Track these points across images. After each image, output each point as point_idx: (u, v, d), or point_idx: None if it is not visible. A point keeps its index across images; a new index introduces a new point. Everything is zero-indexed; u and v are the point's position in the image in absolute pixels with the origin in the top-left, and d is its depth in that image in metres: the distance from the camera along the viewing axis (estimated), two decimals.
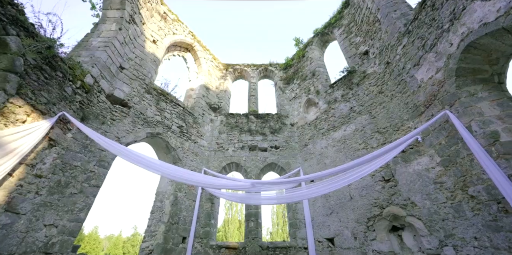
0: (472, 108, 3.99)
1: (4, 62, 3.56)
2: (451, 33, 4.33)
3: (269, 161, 8.45)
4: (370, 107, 6.67)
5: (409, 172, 5.16)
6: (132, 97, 6.64)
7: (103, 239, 34.15)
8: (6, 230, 3.49)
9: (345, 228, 5.97)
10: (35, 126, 3.91)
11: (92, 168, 5.05)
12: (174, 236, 6.21)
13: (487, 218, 3.69)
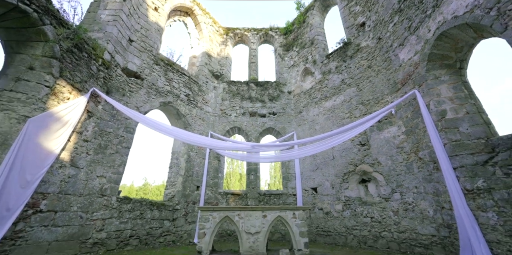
0: (433, 89, 4.85)
1: (45, 49, 4.25)
2: (431, 20, 4.84)
3: (267, 126, 9.60)
4: (358, 80, 7.42)
5: (380, 138, 6.33)
6: (143, 69, 7.30)
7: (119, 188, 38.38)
8: (74, 178, 4.81)
9: (326, 180, 7.51)
10: (77, 101, 4.84)
11: (122, 134, 6.18)
12: (190, 185, 7.81)
13: (426, 174, 5.01)
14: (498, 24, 3.49)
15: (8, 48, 4.10)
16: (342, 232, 6.55)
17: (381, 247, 5.58)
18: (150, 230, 6.18)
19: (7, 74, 3.96)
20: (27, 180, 3.78)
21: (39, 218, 4.09)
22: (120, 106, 5.57)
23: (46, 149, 4.12)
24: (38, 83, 4.12)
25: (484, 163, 3.89)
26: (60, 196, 4.50)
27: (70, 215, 4.64)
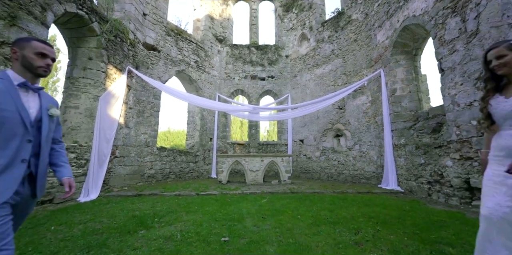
0: (392, 71, 6.33)
1: (95, 42, 5.56)
2: (401, 12, 5.88)
3: (266, 88, 11.16)
4: (345, 52, 8.59)
5: (353, 104, 8.10)
6: (158, 42, 8.39)
7: None
8: (128, 135, 6.87)
9: (310, 134, 9.68)
10: (121, 79, 6.41)
11: (152, 100, 7.92)
12: (205, 137, 10.04)
13: (377, 133, 7.05)
14: (433, 32, 4.80)
15: (71, 44, 5.43)
16: (317, 170, 9.14)
17: (341, 180, 8.18)
18: (181, 168, 8.73)
19: (76, 64, 5.45)
20: (107, 138, 5.80)
21: (116, 161, 6.35)
22: (147, 78, 7.11)
23: (112, 117, 5.99)
24: (97, 70, 5.64)
25: (409, 128, 5.84)
26: (124, 147, 6.66)
27: (131, 159, 6.93)
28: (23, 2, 3.72)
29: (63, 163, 1.36)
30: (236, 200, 4.58)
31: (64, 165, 1.36)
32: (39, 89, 1.26)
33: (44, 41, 1.29)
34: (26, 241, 2.36)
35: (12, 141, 1.11)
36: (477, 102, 3.88)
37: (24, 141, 1.15)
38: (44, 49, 1.24)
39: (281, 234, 2.63)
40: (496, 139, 1.36)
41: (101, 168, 5.57)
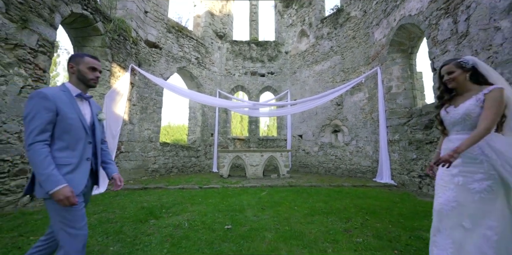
0: (388, 69, 6.51)
1: (100, 41, 5.73)
2: (397, 11, 6.01)
3: (266, 85, 11.33)
4: (344, 49, 8.73)
5: (351, 101, 8.31)
6: (160, 39, 8.51)
7: None
8: (133, 131, 7.11)
9: (309, 130, 9.92)
10: (124, 77, 6.59)
11: (154, 97, 8.12)
12: (206, 133, 10.28)
13: (373, 129, 7.28)
14: (427, 32, 4.96)
15: (77, 43, 5.60)
16: (316, 165, 9.43)
17: (338, 174, 8.47)
18: (183, 163, 9.01)
19: None
20: (113, 134, 6.04)
21: (122, 156, 6.61)
22: (149, 75, 7.29)
23: (117, 114, 6.21)
24: (102, 69, 5.82)
25: (403, 124, 6.07)
26: (129, 143, 6.91)
27: (135, 154, 7.19)
28: (33, 5, 3.88)
29: (110, 161, 1.61)
30: (237, 193, 4.86)
31: (112, 162, 1.61)
32: (90, 98, 1.49)
33: (93, 56, 1.51)
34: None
35: (78, 143, 1.35)
36: None
37: (86, 143, 1.39)
38: (94, 64, 1.47)
39: (278, 222, 2.90)
40: (446, 143, 1.60)
41: None
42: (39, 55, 4.01)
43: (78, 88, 1.43)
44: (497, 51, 3.50)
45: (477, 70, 1.54)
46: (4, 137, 3.46)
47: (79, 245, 1.24)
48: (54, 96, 1.29)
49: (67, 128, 1.30)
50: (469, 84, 1.54)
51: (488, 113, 1.39)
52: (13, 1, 3.57)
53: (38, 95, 1.26)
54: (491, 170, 1.38)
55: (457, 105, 1.55)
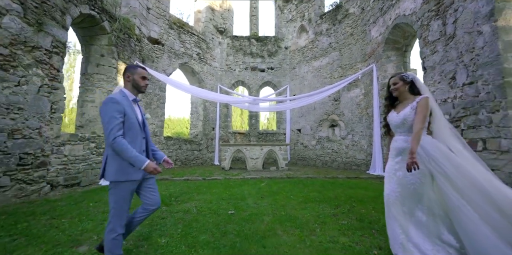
0: (383, 66, 6.77)
1: (107, 40, 5.97)
2: (393, 10, 6.21)
3: (265, 80, 11.57)
4: (342, 45, 8.93)
5: (347, 96, 8.60)
6: (162, 35, 8.71)
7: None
8: None
9: (307, 124, 10.25)
10: None
11: (158, 93, 8.41)
12: (207, 127, 10.62)
13: (368, 123, 7.62)
14: (419, 32, 5.20)
15: (84, 42, 5.85)
16: (313, 158, 9.82)
17: (334, 166, 8.87)
18: (186, 156, 9.40)
19: (90, 61, 5.90)
20: None
21: None
22: (153, 71, 7.55)
23: None
24: (109, 66, 6.10)
25: None
26: None
27: None
28: (47, 9, 4.13)
29: (157, 149, 1.96)
30: (239, 184, 5.25)
31: (158, 150, 1.95)
32: (139, 101, 1.84)
33: (143, 67, 1.86)
34: (76, 213, 3.01)
35: (137, 138, 1.68)
36: (450, 99, 4.41)
37: (141, 138, 1.73)
38: (145, 74, 1.82)
39: (275, 209, 3.29)
40: (392, 142, 1.97)
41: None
42: (53, 56, 4.30)
43: (133, 93, 1.78)
44: (478, 53, 3.79)
45: (414, 83, 1.91)
46: (27, 133, 3.80)
47: (122, 222, 1.61)
48: (121, 101, 1.63)
49: (130, 126, 1.64)
50: (408, 94, 1.92)
51: (419, 116, 1.76)
52: (30, 5, 3.82)
53: (111, 101, 1.60)
54: (422, 165, 1.72)
55: (399, 111, 1.91)
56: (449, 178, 1.66)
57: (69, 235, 2.30)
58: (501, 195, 1.55)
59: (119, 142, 1.53)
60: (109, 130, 1.54)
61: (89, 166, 5.30)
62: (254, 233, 2.39)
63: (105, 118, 1.57)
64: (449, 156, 1.70)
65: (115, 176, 1.58)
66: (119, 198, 1.60)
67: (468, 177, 1.62)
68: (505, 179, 3.37)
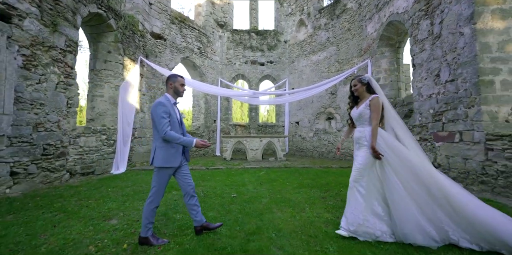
0: (378, 62, 7.08)
1: (113, 37, 6.25)
2: (387, 7, 6.45)
3: (265, 73, 11.84)
4: (339, 40, 9.17)
5: (343, 90, 8.93)
6: (164, 30, 8.92)
7: None
8: (143, 119, 7.82)
9: (305, 117, 10.63)
10: (135, 69, 7.18)
11: (161, 87, 8.73)
12: (209, 120, 11.01)
13: None
14: (410, 30, 5.50)
15: (92, 39, 6.13)
16: (310, 149, 10.28)
17: (330, 157, 9.33)
18: None
19: (98, 58, 6.21)
20: (128, 121, 6.77)
21: (136, 141, 7.40)
22: (156, 66, 7.85)
23: (130, 103, 6.89)
24: (116, 62, 6.41)
25: None
26: (141, 129, 7.67)
27: (147, 139, 7.98)
28: (60, 10, 4.43)
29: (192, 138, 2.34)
30: (240, 173, 5.71)
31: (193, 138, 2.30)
32: (177, 104, 2.24)
33: (182, 76, 2.25)
34: (99, 196, 3.47)
35: (177, 133, 2.07)
36: (434, 95, 4.78)
37: (179, 133, 2.12)
38: (183, 82, 2.24)
39: (272, 193, 3.74)
40: (355, 132, 2.38)
41: (125, 147, 6.62)
42: (67, 54, 4.63)
43: (174, 98, 2.20)
44: (460, 53, 4.13)
45: (370, 84, 2.28)
46: (48, 126, 4.21)
47: (160, 198, 2.11)
48: (166, 104, 2.06)
49: (172, 124, 2.06)
50: (365, 93, 2.31)
51: (374, 114, 2.17)
52: (45, 8, 4.12)
53: (160, 104, 2.03)
54: (368, 152, 2.16)
55: (358, 107, 2.31)
56: (389, 162, 2.08)
57: (99, 212, 2.76)
58: (431, 177, 1.98)
59: (169, 134, 1.97)
60: (161, 126, 1.96)
61: (102, 156, 5.74)
62: (253, 211, 2.84)
63: (156, 118, 2.01)
64: (391, 145, 2.11)
65: (161, 163, 2.02)
66: (161, 179, 2.05)
67: (404, 162, 2.04)
68: (476, 167, 3.82)
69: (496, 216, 1.80)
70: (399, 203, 1.97)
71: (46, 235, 2.11)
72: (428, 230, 1.87)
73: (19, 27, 3.68)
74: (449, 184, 1.98)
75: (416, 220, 1.89)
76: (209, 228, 2.20)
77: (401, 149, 2.09)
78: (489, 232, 1.73)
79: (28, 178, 3.85)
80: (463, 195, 1.93)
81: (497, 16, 3.78)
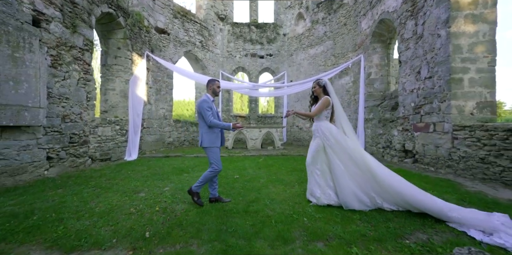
0: (370, 57, 7.54)
1: (122, 34, 6.69)
2: (380, 5, 6.84)
3: (264, 66, 12.26)
4: (336, 35, 9.55)
5: (339, 83, 9.43)
6: (167, 25, 9.29)
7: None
8: (150, 110, 8.39)
9: (303, 109, 11.16)
10: (142, 63, 7.66)
11: (166, 80, 9.23)
12: None
13: (355, 108, 8.56)
14: (398, 29, 5.94)
15: (103, 36, 6.58)
16: (307, 139, 10.90)
17: None
18: (193, 137, 10.48)
19: (109, 53, 6.68)
20: (137, 113, 7.34)
21: (145, 131, 8.01)
22: (161, 60, 8.31)
23: (139, 96, 7.43)
24: (125, 58, 6.89)
25: (377, 105, 7.34)
26: (148, 120, 8.25)
27: (154, 129, 8.59)
28: (77, 12, 4.88)
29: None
30: (241, 160, 6.36)
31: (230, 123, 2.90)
32: (214, 101, 2.84)
33: (218, 80, 2.88)
34: (123, 177, 4.11)
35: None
36: (415, 90, 5.32)
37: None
38: (219, 84, 2.89)
39: (269, 175, 4.39)
40: (312, 126, 2.97)
41: (136, 136, 7.23)
42: (85, 53, 5.14)
43: (212, 96, 2.84)
44: (437, 53, 4.64)
45: (326, 87, 2.85)
46: (73, 117, 4.79)
47: (219, 165, 2.72)
48: (208, 101, 2.69)
49: (212, 115, 2.68)
50: (322, 94, 2.88)
51: (316, 107, 2.79)
52: (66, 11, 4.58)
53: (204, 101, 2.67)
54: (319, 140, 2.77)
55: (316, 105, 2.88)
56: (333, 148, 2.69)
57: (128, 188, 3.40)
58: (362, 160, 2.60)
59: (213, 121, 2.65)
60: (207, 117, 2.64)
61: (116, 144, 6.37)
62: (253, 187, 3.49)
63: (203, 111, 2.66)
64: (336, 137, 2.70)
65: (208, 144, 2.72)
66: (215, 154, 2.72)
67: (345, 149, 2.65)
68: (444, 154, 4.45)
69: (403, 185, 2.45)
70: (340, 179, 2.61)
71: (94, 202, 2.75)
72: (361, 198, 2.53)
73: (46, 30, 4.18)
74: (375, 164, 2.60)
75: (353, 191, 2.54)
76: (221, 200, 2.84)
77: (343, 140, 2.69)
78: (399, 197, 2.40)
79: (60, 162, 4.48)
80: (384, 171, 2.57)
81: (469, 21, 4.26)
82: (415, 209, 2.35)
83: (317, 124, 2.85)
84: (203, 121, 2.69)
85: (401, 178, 2.54)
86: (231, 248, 1.73)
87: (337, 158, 2.66)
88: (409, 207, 2.39)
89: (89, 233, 1.96)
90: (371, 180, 2.54)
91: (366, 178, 2.56)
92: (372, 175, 2.53)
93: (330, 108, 2.81)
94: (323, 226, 2.08)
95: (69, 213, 2.40)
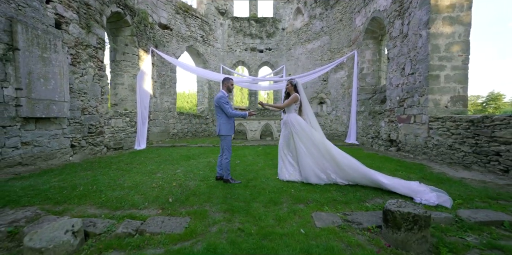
0: (363, 53, 7.99)
1: (129, 31, 7.12)
2: (372, 3, 7.22)
3: (264, 60, 12.66)
4: (332, 30, 9.92)
5: (334, 77, 9.90)
6: (170, 21, 9.65)
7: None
8: (156, 103, 8.92)
9: None
10: (147, 59, 8.11)
11: (170, 74, 9.69)
12: (212, 104, 12.06)
13: (348, 101, 9.08)
14: (387, 28, 6.38)
15: (112, 34, 7.01)
16: None
17: None
18: (196, 128, 11.05)
19: (117, 50, 7.14)
20: (145, 105, 7.85)
21: (151, 123, 8.56)
22: (165, 55, 8.75)
23: (146, 90, 7.93)
24: (133, 54, 7.35)
25: (368, 99, 7.86)
26: (154, 112, 8.79)
27: (159, 121, 9.14)
28: (91, 13, 5.33)
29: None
30: (241, 149, 6.95)
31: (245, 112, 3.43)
32: (228, 96, 3.37)
33: (232, 79, 3.38)
34: (139, 162, 4.71)
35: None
36: (400, 85, 5.83)
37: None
38: (233, 82, 3.43)
39: (266, 161, 4.98)
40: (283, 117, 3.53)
41: (144, 127, 7.79)
42: (98, 51, 5.61)
43: (227, 92, 3.35)
44: (418, 51, 5.12)
45: (296, 86, 3.40)
46: (90, 110, 5.34)
47: (230, 154, 3.29)
48: (225, 96, 3.21)
49: (231, 108, 3.23)
50: (293, 92, 3.45)
51: (286, 102, 3.38)
52: (81, 13, 5.04)
53: (222, 97, 3.18)
54: (289, 129, 3.35)
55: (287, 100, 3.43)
56: (298, 135, 3.29)
57: (146, 170, 4.00)
58: (323, 144, 3.22)
59: (233, 112, 3.22)
60: (227, 109, 3.18)
61: (127, 135, 6.94)
62: (252, 170, 4.09)
63: (222, 105, 3.19)
64: (303, 127, 3.30)
65: (226, 132, 3.26)
66: (228, 142, 3.27)
67: (309, 136, 3.26)
68: (421, 142, 5.02)
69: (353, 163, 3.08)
70: (303, 159, 3.25)
71: (121, 180, 3.35)
72: (319, 174, 3.17)
73: (66, 31, 4.65)
74: (335, 150, 3.24)
75: (312, 168, 3.17)
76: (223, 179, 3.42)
77: (308, 129, 3.31)
78: (352, 173, 3.04)
79: (81, 150, 5.07)
80: (339, 153, 3.21)
81: (447, 22, 4.72)
82: (362, 183, 3.00)
83: (288, 115, 3.46)
84: (222, 113, 3.21)
85: (353, 159, 3.17)
86: (234, 207, 2.33)
87: (301, 142, 3.28)
88: (358, 181, 3.04)
89: (126, 199, 2.55)
90: (330, 161, 3.17)
91: (325, 159, 3.19)
92: (332, 157, 3.17)
93: (299, 103, 3.40)
94: (305, 194, 2.68)
95: (104, 186, 3.00)
